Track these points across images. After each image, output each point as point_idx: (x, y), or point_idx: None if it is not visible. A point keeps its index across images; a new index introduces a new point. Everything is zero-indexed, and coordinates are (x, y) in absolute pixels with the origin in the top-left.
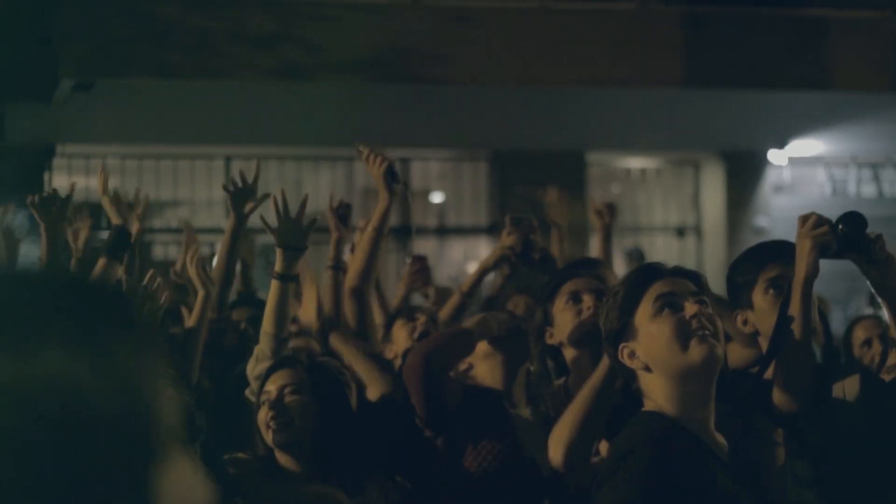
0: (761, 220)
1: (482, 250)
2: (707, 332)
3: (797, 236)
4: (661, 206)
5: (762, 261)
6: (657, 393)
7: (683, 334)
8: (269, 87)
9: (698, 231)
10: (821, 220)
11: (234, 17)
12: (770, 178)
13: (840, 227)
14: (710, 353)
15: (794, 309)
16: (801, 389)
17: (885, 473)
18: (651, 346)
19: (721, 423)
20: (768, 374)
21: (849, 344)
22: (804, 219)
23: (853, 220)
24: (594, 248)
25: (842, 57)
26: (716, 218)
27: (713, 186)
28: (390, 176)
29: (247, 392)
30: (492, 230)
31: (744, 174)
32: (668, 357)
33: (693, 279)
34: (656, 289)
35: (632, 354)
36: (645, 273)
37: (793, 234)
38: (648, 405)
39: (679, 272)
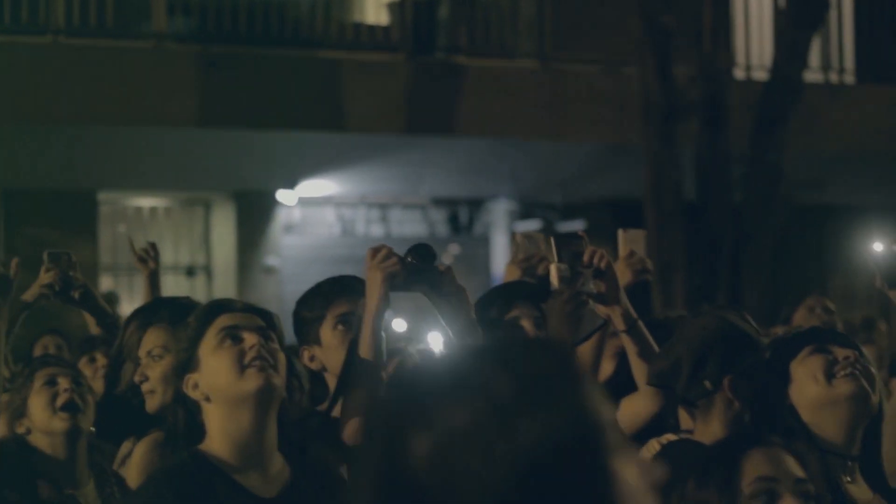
0: (271, 260)
1: None
2: (266, 363)
3: (366, 269)
4: (171, 246)
5: (330, 296)
6: (213, 425)
7: (240, 363)
8: None
9: (208, 271)
10: (390, 254)
11: None
12: (280, 217)
13: (408, 258)
14: (265, 382)
15: (365, 344)
16: None
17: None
18: (212, 375)
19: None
20: (336, 411)
21: None
22: (374, 251)
23: (421, 253)
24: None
25: (354, 99)
26: (226, 258)
27: (224, 226)
28: None
29: None
30: None
31: (254, 214)
32: (226, 385)
33: (262, 315)
34: (221, 321)
35: (195, 386)
36: (212, 307)
37: (302, 272)
38: (205, 443)
39: (249, 308)
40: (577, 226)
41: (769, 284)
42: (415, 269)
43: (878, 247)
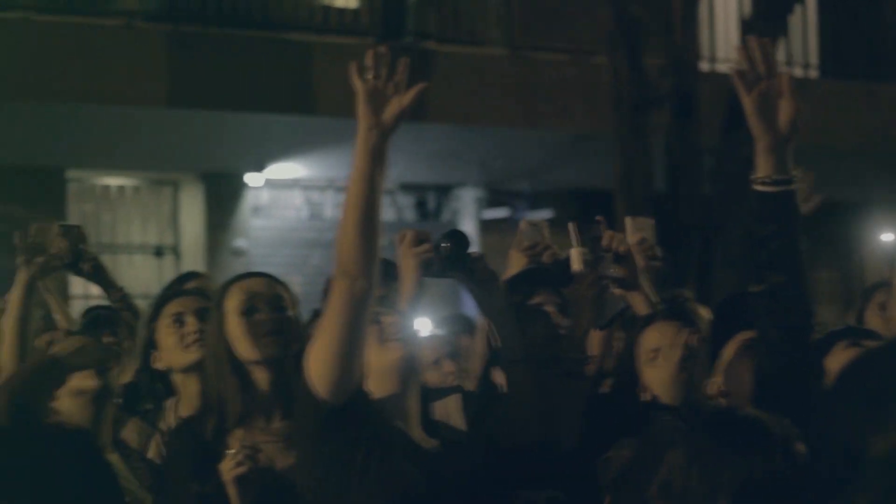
0: (240, 242)
1: None
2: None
3: (399, 255)
4: (139, 226)
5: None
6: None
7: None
8: None
9: (176, 251)
10: (420, 238)
11: None
12: (248, 200)
13: (443, 245)
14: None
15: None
16: None
17: None
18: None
19: None
20: None
21: None
22: (402, 236)
23: (456, 239)
24: None
25: (323, 82)
26: (195, 238)
27: (192, 207)
28: None
29: None
30: None
31: (223, 196)
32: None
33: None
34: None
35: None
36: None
37: (271, 254)
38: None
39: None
40: (544, 215)
41: (741, 276)
42: (449, 256)
43: (887, 238)
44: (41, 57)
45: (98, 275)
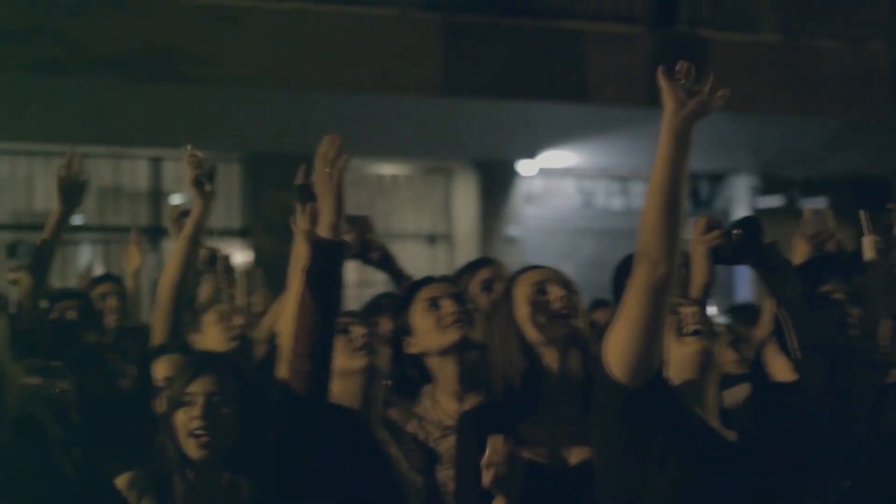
0: (513, 230)
1: (234, 253)
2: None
3: (691, 242)
4: (412, 214)
5: None
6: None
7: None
8: (23, 81)
9: (450, 239)
10: (711, 224)
11: None
12: (521, 188)
13: (735, 231)
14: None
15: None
16: None
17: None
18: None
19: None
20: None
21: None
22: (695, 223)
23: (749, 225)
24: None
25: (596, 70)
26: (468, 226)
27: (465, 195)
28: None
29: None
30: (244, 233)
31: (495, 183)
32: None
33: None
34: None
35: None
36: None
37: (544, 243)
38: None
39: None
40: (819, 202)
41: None
42: (741, 242)
43: None
44: (316, 47)
45: (386, 263)
